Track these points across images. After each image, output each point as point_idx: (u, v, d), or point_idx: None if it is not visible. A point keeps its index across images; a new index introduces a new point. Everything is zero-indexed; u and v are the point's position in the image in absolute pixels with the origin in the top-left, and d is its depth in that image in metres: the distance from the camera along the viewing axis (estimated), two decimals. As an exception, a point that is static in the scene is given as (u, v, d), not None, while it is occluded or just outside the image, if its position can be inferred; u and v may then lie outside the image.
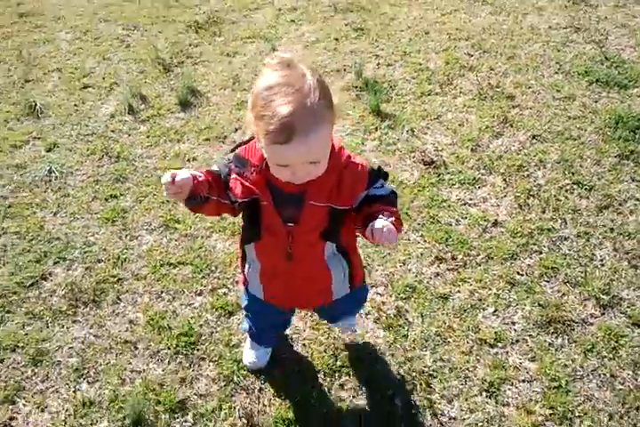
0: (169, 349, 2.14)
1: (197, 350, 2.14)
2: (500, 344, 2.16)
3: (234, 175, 1.36)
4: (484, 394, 2.02)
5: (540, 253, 2.48)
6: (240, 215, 1.53)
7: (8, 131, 3.19)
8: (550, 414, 1.96)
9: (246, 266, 1.62)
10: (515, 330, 2.21)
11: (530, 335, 2.19)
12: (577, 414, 1.96)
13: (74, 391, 2.04)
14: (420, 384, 2.03)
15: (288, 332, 2.16)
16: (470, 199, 2.73)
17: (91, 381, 2.07)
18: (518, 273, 2.41)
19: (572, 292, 2.33)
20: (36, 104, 3.22)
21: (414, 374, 2.07)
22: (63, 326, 2.24)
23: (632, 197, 2.71)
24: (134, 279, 2.39)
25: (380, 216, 1.27)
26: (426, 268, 2.43)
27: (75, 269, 2.44)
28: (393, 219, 1.27)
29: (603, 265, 2.42)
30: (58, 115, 3.29)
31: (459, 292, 2.34)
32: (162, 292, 2.34)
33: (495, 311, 2.27)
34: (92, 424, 1.95)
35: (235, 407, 1.95)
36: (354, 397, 1.99)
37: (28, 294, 2.35)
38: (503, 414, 1.97)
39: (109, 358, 2.13)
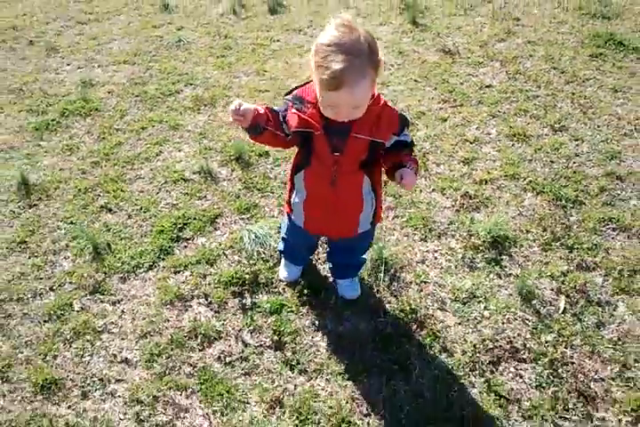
0: (258, 128, 3.30)
1: (276, 130, 3.29)
2: (477, 142, 3.21)
3: (293, 110, 1.59)
4: (462, 164, 3.08)
5: (517, 101, 3.52)
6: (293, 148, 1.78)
7: (149, 19, 4.52)
8: (504, 175, 2.99)
9: (293, 196, 1.87)
10: (489, 138, 3.26)
11: (499, 140, 3.23)
12: (522, 176, 2.98)
13: (199, 144, 3.22)
14: (418, 157, 3.11)
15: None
16: (473, 73, 3.81)
17: (209, 139, 3.25)
18: (499, 111, 3.45)
19: (535, 122, 3.36)
20: (168, 4, 4.52)
21: (416, 152, 3.14)
22: (191, 114, 3.44)
23: (593, 77, 3.72)
24: (235, 96, 3.58)
25: (408, 165, 1.60)
26: (434, 104, 3.52)
27: (198, 89, 3.66)
28: (416, 168, 1.61)
29: (561, 110, 3.44)
30: (184, 11, 4.61)
31: (454, 117, 3.41)
32: (254, 101, 3.52)
33: (477, 127, 3.33)
34: (210, 157, 3.12)
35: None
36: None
37: (167, 99, 3.58)
38: (471, 173, 3.01)
39: (222, 131, 3.30)
